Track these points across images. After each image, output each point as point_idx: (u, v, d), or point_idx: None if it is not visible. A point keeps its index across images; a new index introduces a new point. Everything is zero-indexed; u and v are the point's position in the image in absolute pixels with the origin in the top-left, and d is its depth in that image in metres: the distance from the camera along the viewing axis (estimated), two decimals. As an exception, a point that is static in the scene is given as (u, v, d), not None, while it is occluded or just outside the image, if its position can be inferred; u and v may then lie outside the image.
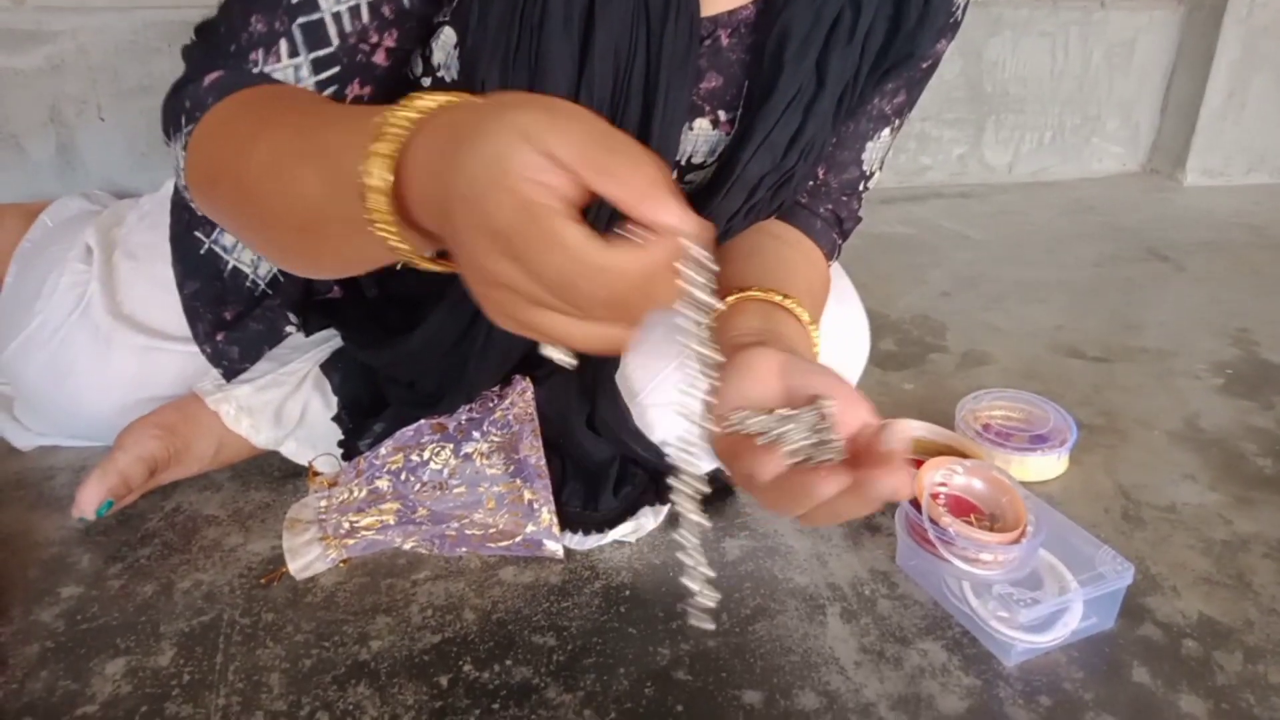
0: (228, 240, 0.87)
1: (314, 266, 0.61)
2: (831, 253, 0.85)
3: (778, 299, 0.68)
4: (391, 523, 0.78)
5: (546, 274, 0.38)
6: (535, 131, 0.39)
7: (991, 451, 0.91)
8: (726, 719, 0.64)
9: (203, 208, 0.66)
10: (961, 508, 0.77)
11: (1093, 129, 2.02)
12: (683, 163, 0.77)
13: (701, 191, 0.77)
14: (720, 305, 0.44)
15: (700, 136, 0.75)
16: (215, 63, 0.63)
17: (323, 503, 0.79)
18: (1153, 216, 1.83)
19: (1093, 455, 0.98)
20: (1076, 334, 1.29)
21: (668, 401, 0.87)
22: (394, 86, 0.69)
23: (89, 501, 0.78)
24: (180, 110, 0.63)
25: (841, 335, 0.87)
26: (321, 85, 0.64)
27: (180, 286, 0.87)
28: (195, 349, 0.87)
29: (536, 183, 0.38)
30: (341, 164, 0.47)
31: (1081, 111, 1.99)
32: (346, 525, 0.77)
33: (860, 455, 0.49)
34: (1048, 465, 0.93)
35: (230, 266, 0.87)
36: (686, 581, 0.46)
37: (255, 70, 0.63)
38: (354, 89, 0.67)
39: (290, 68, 0.63)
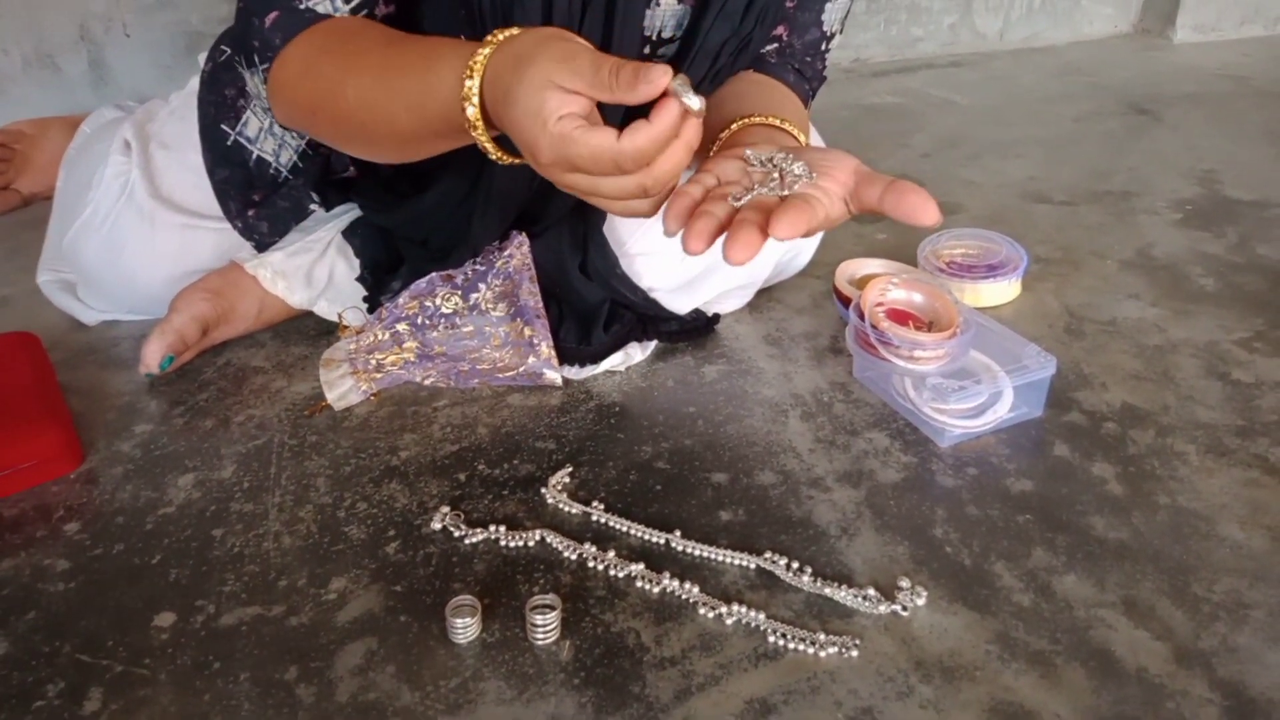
0: (251, 132, 0.98)
1: (399, 159, 0.77)
2: (805, 101, 0.95)
3: (775, 121, 0.81)
4: (412, 359, 0.90)
5: (596, 169, 0.57)
6: (555, 77, 0.56)
7: (948, 282, 1.01)
8: (697, 494, 0.76)
9: (291, 126, 0.85)
10: (902, 318, 0.87)
11: (1083, -9, 2.04)
12: (653, 38, 0.86)
13: (669, 63, 0.86)
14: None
15: (667, 12, 0.84)
16: (270, 4, 0.75)
17: (352, 345, 0.91)
18: (1139, 74, 1.87)
19: (1045, 283, 1.07)
20: (1047, 183, 1.36)
21: (650, 250, 0.97)
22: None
23: (152, 355, 0.90)
24: (250, 49, 0.77)
25: None
26: (355, 9, 0.77)
27: (210, 174, 0.98)
28: (229, 226, 0.98)
29: (564, 116, 0.56)
30: (434, 102, 0.64)
31: (1071, -26, 2.01)
32: (374, 363, 0.89)
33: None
34: (999, 291, 1.02)
35: (255, 156, 0.99)
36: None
37: (301, 7, 0.75)
38: (380, 8, 0.79)
39: (326, 1, 0.76)
